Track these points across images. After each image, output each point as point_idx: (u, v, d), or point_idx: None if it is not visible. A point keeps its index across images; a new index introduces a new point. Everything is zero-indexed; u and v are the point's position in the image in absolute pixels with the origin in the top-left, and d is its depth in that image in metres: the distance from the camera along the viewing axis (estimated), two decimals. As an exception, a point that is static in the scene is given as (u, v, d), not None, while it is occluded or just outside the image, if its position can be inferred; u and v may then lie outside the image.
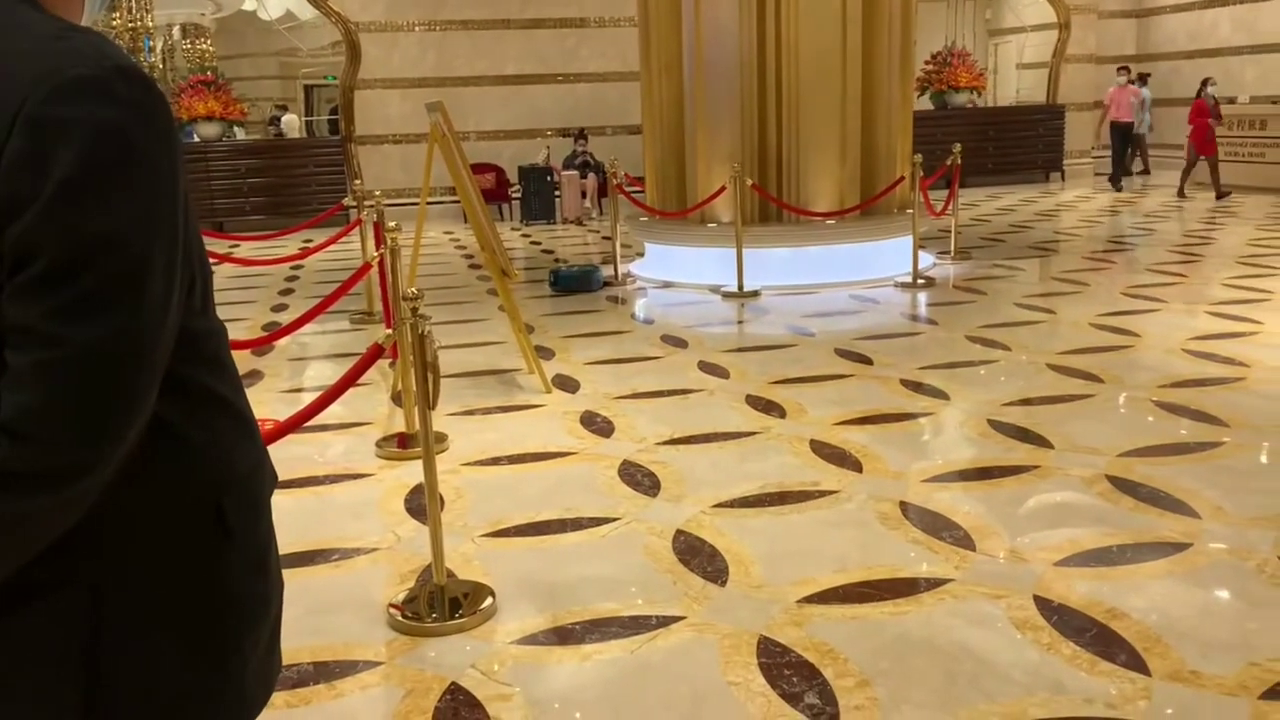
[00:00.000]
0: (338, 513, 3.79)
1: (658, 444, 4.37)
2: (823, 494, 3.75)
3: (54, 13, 1.02)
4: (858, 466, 4.02)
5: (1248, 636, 2.67)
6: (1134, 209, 12.36)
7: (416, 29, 13.97)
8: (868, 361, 5.63)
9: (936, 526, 3.43)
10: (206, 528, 1.08)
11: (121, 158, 0.92)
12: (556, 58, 14.46)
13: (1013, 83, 18.50)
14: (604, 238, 9.39)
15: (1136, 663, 2.56)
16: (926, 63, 15.63)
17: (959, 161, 9.02)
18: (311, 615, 2.97)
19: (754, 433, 4.47)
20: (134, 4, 15.40)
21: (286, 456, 1.03)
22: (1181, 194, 13.35)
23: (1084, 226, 11.05)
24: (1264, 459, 3.98)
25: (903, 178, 8.36)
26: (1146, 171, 16.19)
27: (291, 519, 3.64)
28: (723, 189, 7.93)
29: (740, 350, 6.11)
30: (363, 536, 3.54)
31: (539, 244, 11.48)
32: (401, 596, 3.06)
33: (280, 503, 4.17)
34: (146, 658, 1.04)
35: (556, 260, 10.04)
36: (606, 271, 8.58)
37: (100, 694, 1.02)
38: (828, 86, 8.01)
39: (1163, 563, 3.10)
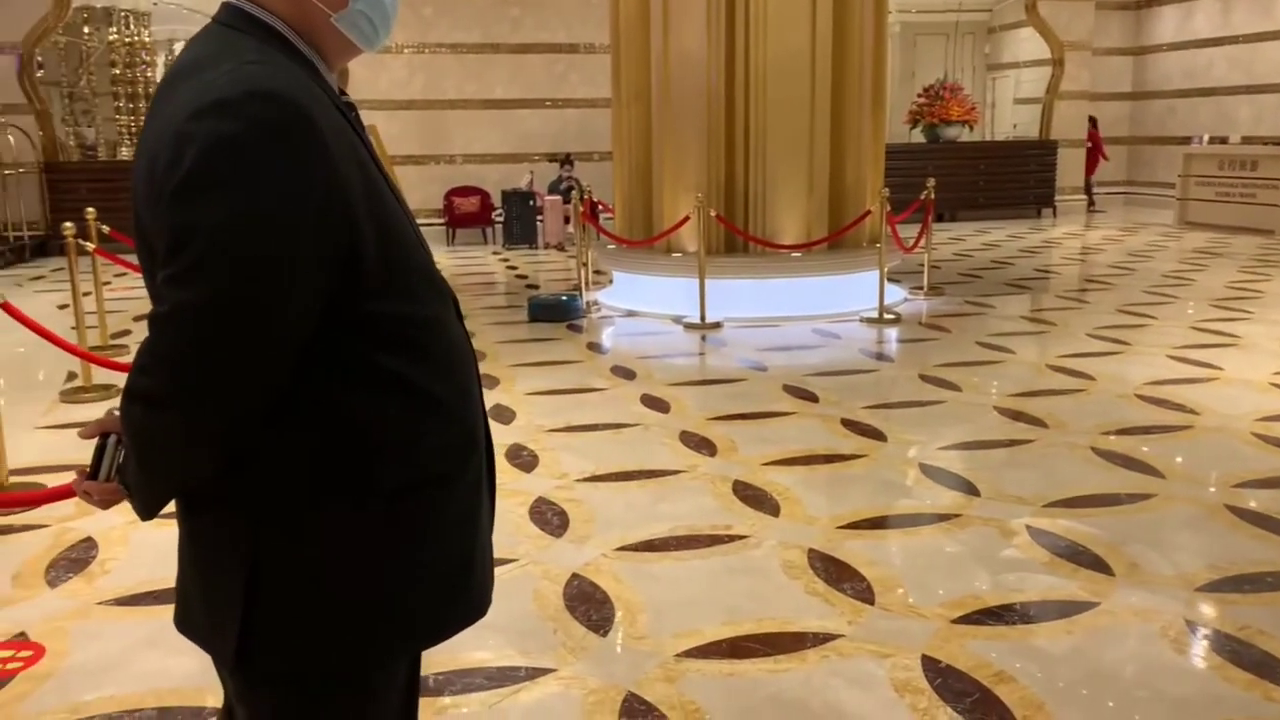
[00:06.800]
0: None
1: (577, 480, 4.25)
2: (732, 539, 3.63)
3: (313, 45, 1.31)
4: (775, 510, 3.89)
5: (1176, 705, 2.53)
6: (1122, 246, 12.23)
7: (405, 51, 13.97)
8: (814, 399, 5.51)
9: (840, 577, 3.30)
10: (345, 490, 1.28)
11: (229, 165, 1.13)
12: (545, 83, 14.44)
13: (1009, 117, 18.44)
14: (583, 265, 9.33)
15: (1012, 733, 2.43)
16: (919, 96, 15.57)
17: (933, 196, 8.92)
18: (160, 657, 2.85)
19: (678, 471, 4.35)
20: (131, 20, 15.48)
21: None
22: None
23: (1065, 264, 10.94)
24: (1204, 515, 3.84)
25: (869, 211, 8.25)
26: None
27: (145, 557, 3.52)
28: (687, 218, 7.84)
29: (687, 384, 5.99)
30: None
31: (515, 269, 11.38)
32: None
33: (141, 540, 3.93)
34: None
35: (528, 286, 9.97)
36: (570, 299, 8.47)
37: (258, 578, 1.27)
38: (796, 117, 7.92)
39: (1062, 622, 2.97)
